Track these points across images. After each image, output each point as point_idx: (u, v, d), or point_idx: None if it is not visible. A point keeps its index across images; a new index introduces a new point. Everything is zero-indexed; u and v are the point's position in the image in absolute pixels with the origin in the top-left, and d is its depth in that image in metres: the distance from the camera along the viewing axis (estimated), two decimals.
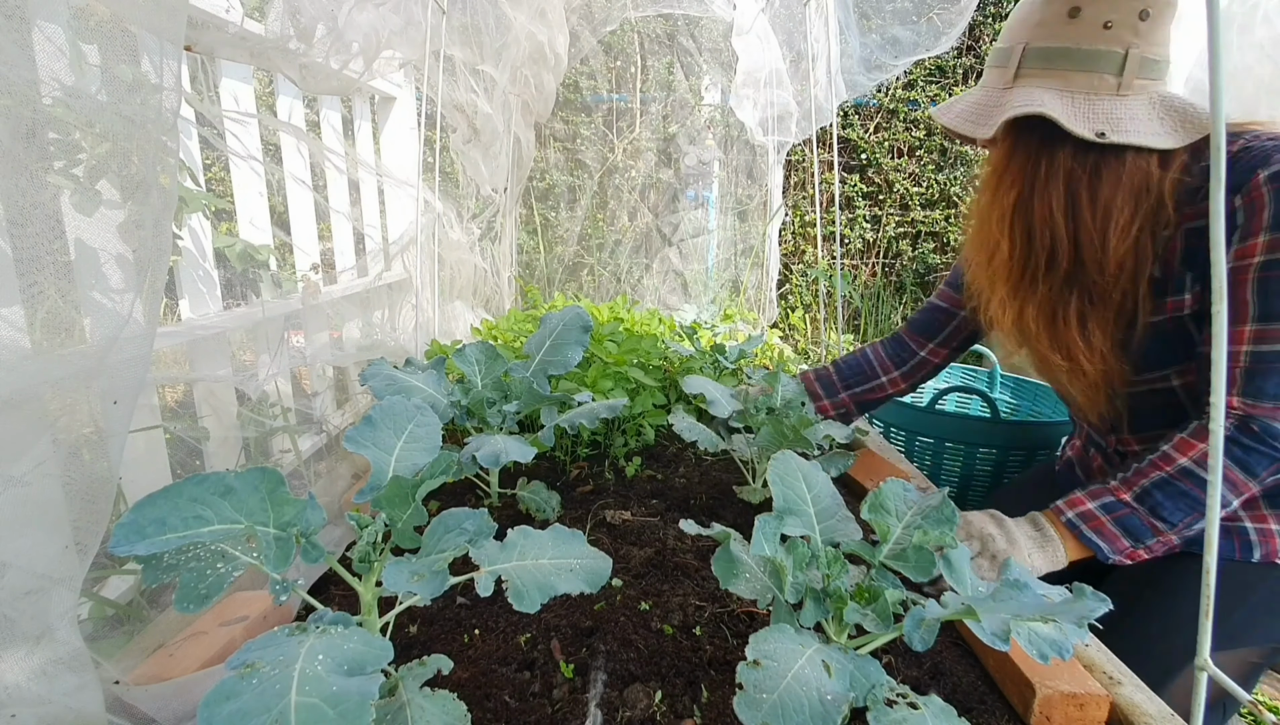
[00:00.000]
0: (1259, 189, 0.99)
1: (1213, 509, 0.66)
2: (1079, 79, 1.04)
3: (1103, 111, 1.03)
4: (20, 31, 0.70)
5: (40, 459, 0.70)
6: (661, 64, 3.89)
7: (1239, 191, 1.02)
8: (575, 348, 1.40)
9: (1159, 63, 1.05)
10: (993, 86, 1.12)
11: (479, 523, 0.80)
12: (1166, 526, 1.05)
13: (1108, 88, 1.03)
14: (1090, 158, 1.06)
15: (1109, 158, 1.05)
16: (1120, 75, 1.02)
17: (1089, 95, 1.03)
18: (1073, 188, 1.07)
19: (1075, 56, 1.03)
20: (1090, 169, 1.06)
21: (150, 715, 0.76)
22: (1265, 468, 1.01)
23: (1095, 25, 1.02)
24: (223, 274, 1.55)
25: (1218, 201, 0.60)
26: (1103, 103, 1.03)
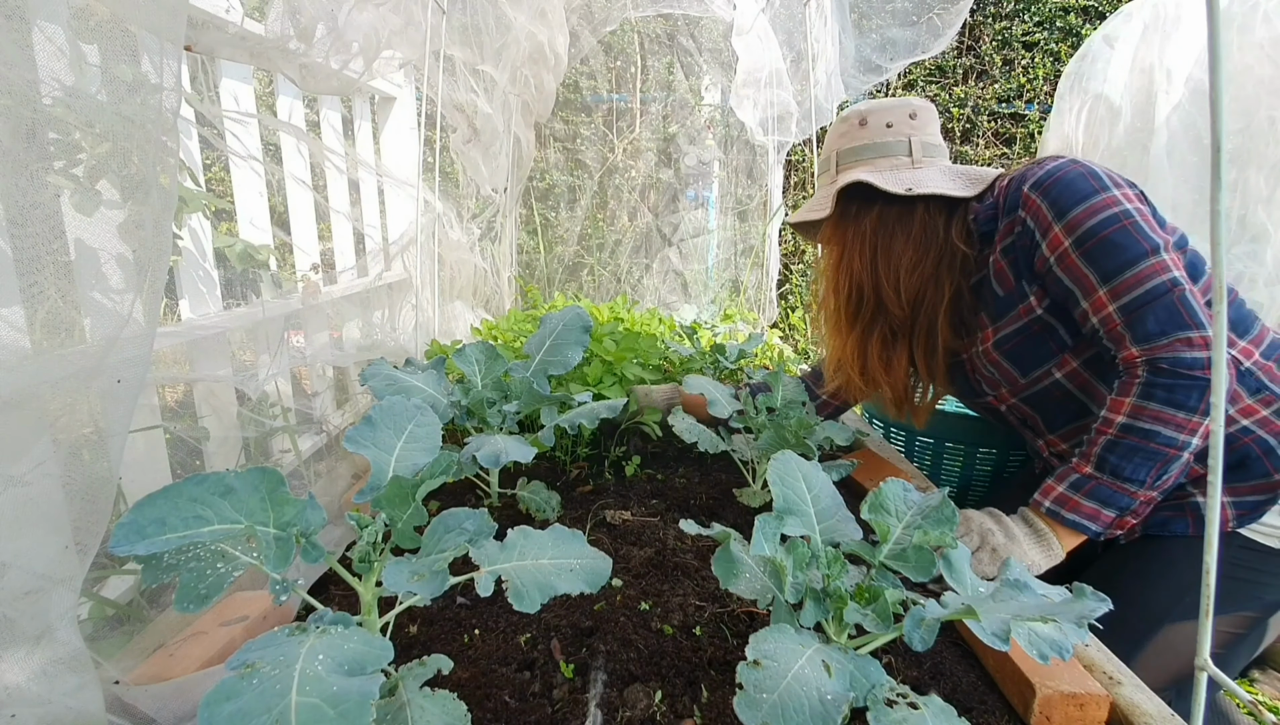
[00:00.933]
0: (1029, 198, 1.21)
1: (1213, 508, 0.66)
2: (882, 162, 1.35)
3: (907, 177, 1.31)
4: (20, 31, 0.70)
5: (40, 459, 0.70)
6: (661, 64, 3.89)
7: (1018, 208, 1.24)
8: (575, 348, 1.40)
9: (937, 145, 1.36)
10: (823, 185, 1.43)
11: (479, 523, 0.80)
12: (1136, 485, 1.10)
13: (905, 165, 1.33)
14: (890, 217, 1.33)
15: (903, 218, 1.33)
16: (910, 155, 1.34)
17: (894, 171, 1.33)
18: (873, 243, 1.35)
19: (874, 149, 1.35)
20: (889, 228, 1.34)
21: (150, 715, 0.76)
22: (1196, 398, 1.07)
23: (880, 126, 1.35)
24: (223, 274, 1.55)
25: (1218, 202, 0.60)
26: (904, 173, 1.32)
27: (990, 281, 1.33)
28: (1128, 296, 1.11)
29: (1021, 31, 4.71)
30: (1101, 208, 1.14)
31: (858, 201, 1.34)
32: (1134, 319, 1.11)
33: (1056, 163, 1.22)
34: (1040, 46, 4.72)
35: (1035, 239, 1.21)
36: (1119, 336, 1.13)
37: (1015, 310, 1.29)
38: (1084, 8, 4.66)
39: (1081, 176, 1.17)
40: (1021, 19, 4.68)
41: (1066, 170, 1.19)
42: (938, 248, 1.32)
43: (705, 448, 1.34)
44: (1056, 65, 4.66)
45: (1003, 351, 1.33)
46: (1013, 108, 4.78)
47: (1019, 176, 1.25)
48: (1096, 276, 1.14)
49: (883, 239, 1.34)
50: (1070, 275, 1.17)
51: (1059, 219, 1.17)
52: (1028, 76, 4.74)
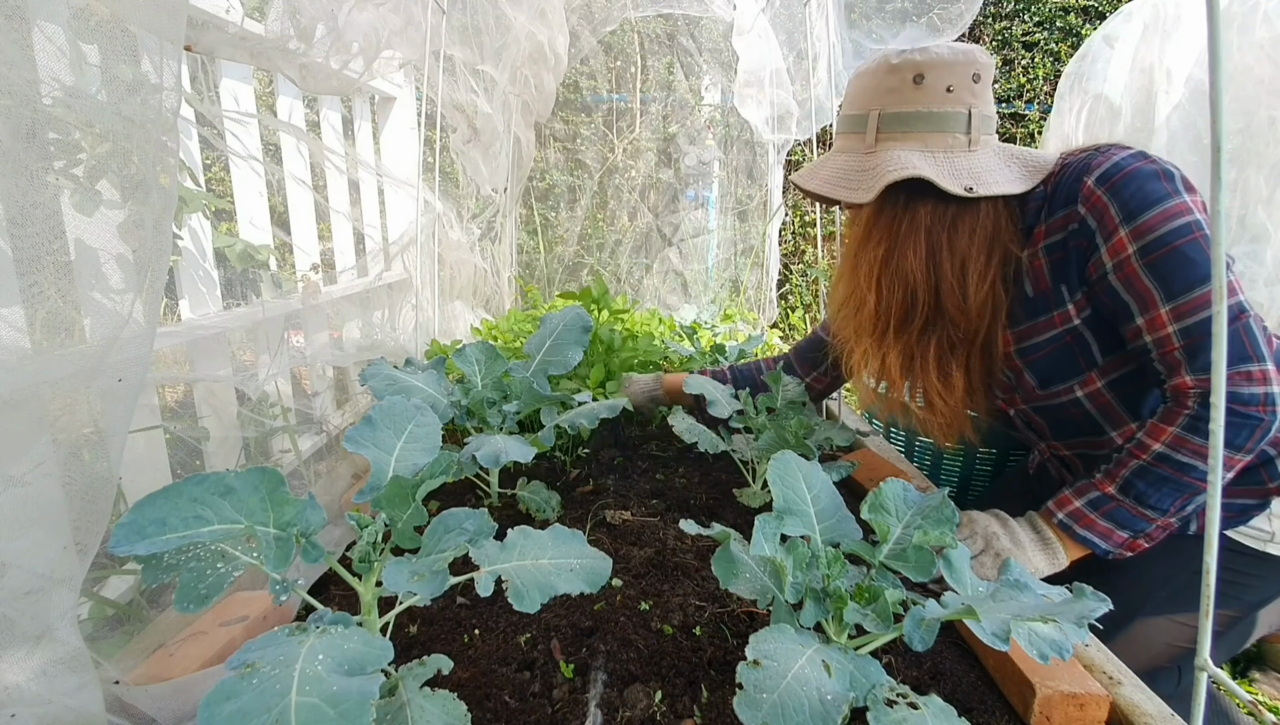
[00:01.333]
0: (1094, 194, 1.07)
1: (1213, 509, 0.66)
2: (936, 139, 1.12)
3: (964, 167, 1.11)
4: (20, 31, 0.70)
5: (40, 459, 0.70)
6: (661, 64, 3.89)
7: (1076, 203, 1.09)
8: (575, 348, 1.40)
9: (991, 118, 1.16)
10: (853, 151, 1.19)
11: (479, 523, 0.80)
12: (1158, 514, 1.06)
13: (960, 145, 1.12)
14: (949, 212, 1.14)
15: (965, 210, 1.14)
16: (969, 132, 1.12)
17: (948, 153, 1.12)
18: (933, 241, 1.15)
19: (928, 119, 1.12)
20: (949, 222, 1.14)
21: (150, 715, 0.76)
22: (1245, 436, 1.01)
23: (939, 90, 1.11)
24: (223, 274, 1.55)
25: (1218, 202, 0.60)
26: (961, 159, 1.12)
27: (1023, 280, 1.19)
28: (1192, 318, 1.02)
29: (1021, 31, 4.71)
30: (1175, 215, 1.02)
31: (907, 187, 1.13)
32: (1195, 345, 1.02)
33: (1124, 154, 1.07)
34: (1040, 46, 4.72)
35: (1095, 241, 1.08)
36: (1175, 362, 1.04)
37: (1048, 316, 1.18)
38: (1084, 8, 4.65)
39: (1154, 175, 1.04)
40: (1021, 19, 4.68)
41: (1137, 166, 1.05)
42: (1001, 247, 1.16)
43: (705, 448, 1.34)
44: (1056, 65, 4.66)
45: (1026, 361, 1.22)
46: (1013, 108, 4.78)
47: (1079, 166, 1.10)
48: (1161, 292, 1.03)
49: (944, 235, 1.15)
50: (1130, 287, 1.06)
51: (1127, 222, 1.04)
52: (1028, 76, 4.74)
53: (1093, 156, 1.10)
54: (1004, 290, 1.19)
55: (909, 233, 1.16)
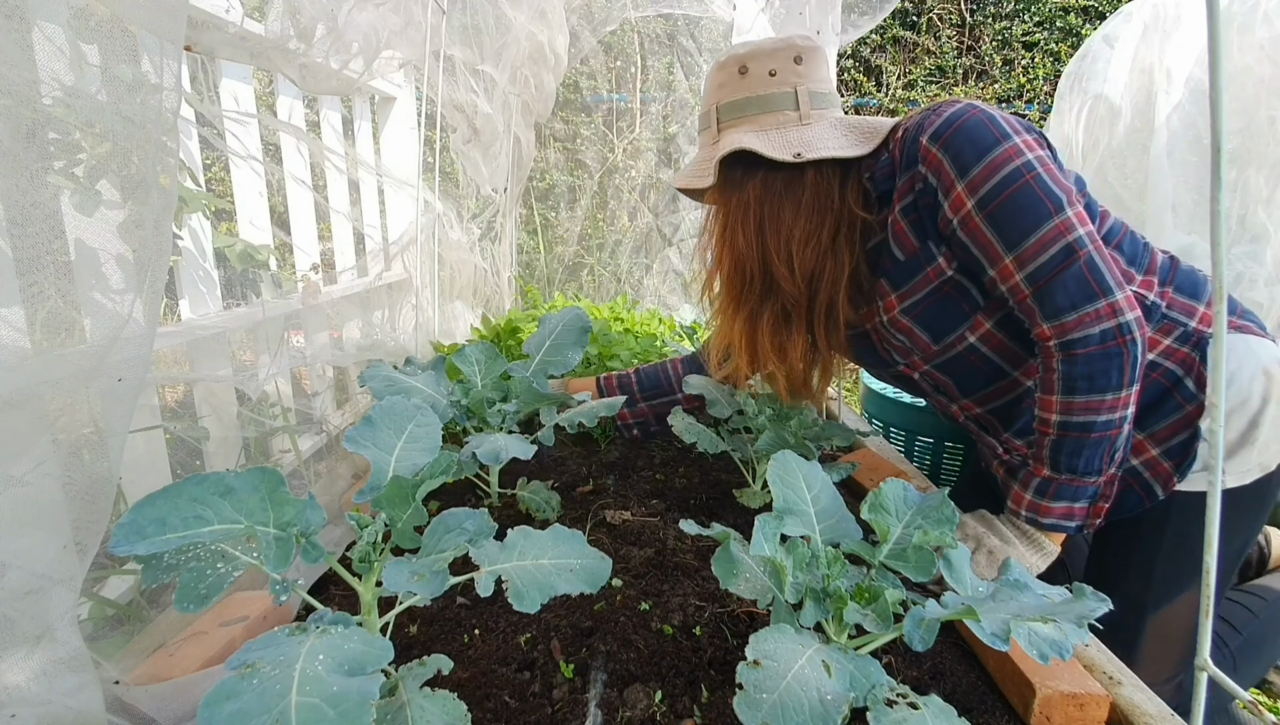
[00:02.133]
0: (930, 152, 1.11)
1: (1213, 509, 0.66)
2: (766, 119, 1.19)
3: (794, 138, 1.17)
4: (20, 31, 0.70)
5: (40, 459, 0.70)
6: (661, 64, 3.89)
7: (917, 163, 1.13)
8: (575, 348, 1.40)
9: (827, 94, 1.21)
10: (705, 145, 1.28)
11: (479, 523, 0.80)
12: (1095, 474, 1.08)
13: (792, 121, 1.19)
14: (777, 184, 1.19)
15: (792, 183, 1.19)
16: (798, 109, 1.19)
17: (780, 129, 1.18)
18: (761, 213, 1.21)
19: (756, 102, 1.19)
20: (776, 195, 1.20)
21: (150, 715, 0.76)
22: (1117, 375, 1.03)
23: (763, 75, 1.19)
24: (223, 274, 1.55)
25: (1218, 202, 0.60)
26: (792, 132, 1.18)
27: (889, 245, 1.22)
28: (1033, 264, 1.05)
29: (1021, 31, 4.71)
30: (1004, 162, 1.05)
31: (741, 166, 1.19)
32: (1042, 291, 1.05)
33: (955, 108, 1.11)
34: (1040, 46, 4.72)
35: (937, 198, 1.12)
36: (1029, 309, 1.08)
37: (923, 273, 1.20)
38: (1084, 8, 4.66)
39: (981, 124, 1.08)
40: (1021, 19, 4.68)
41: (966, 117, 1.09)
42: (834, 215, 1.20)
43: (705, 448, 1.34)
44: (1056, 65, 4.66)
45: (912, 317, 1.24)
46: (1013, 108, 4.78)
47: (915, 126, 1.14)
48: (1001, 243, 1.07)
49: (770, 208, 1.20)
50: (975, 241, 1.09)
51: (961, 176, 1.07)
52: (1028, 76, 4.74)
53: (926, 116, 1.14)
54: (844, 256, 1.22)
55: (739, 207, 1.22)
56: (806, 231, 1.20)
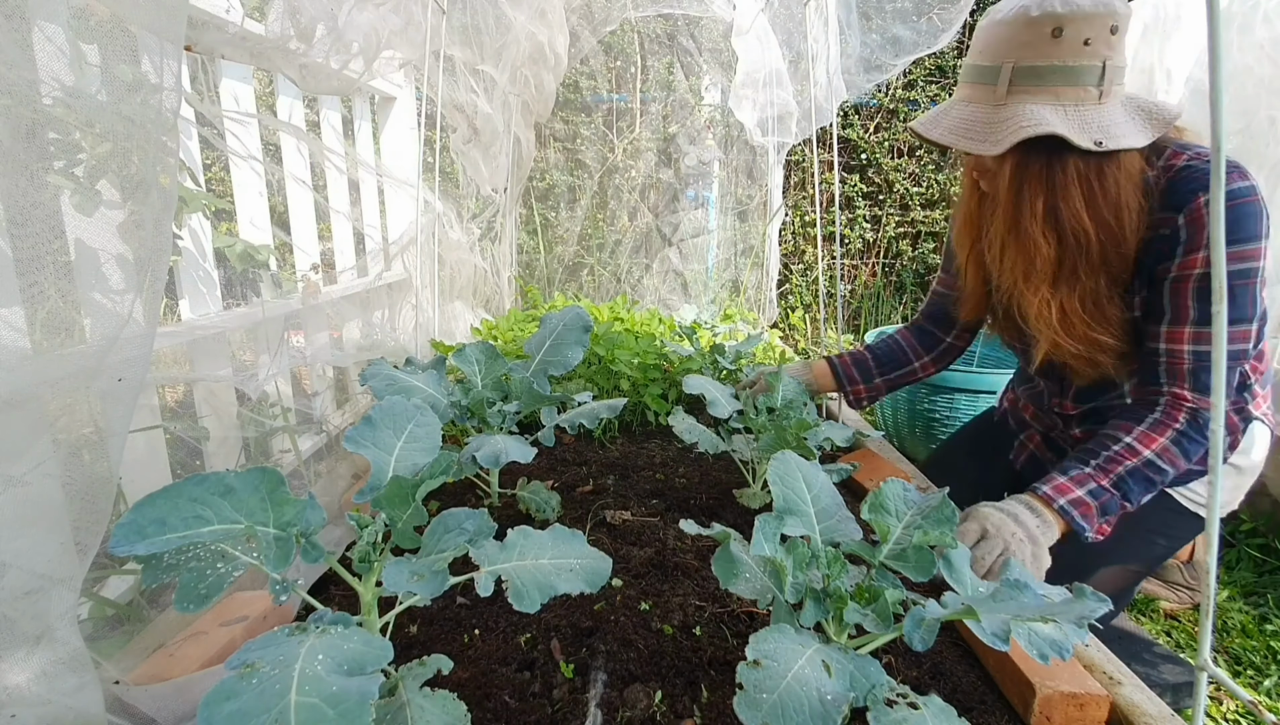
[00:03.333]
0: (1200, 210, 1.14)
1: (1212, 511, 0.66)
2: (1068, 93, 1.13)
3: (1093, 121, 1.13)
4: (20, 31, 0.70)
5: (40, 459, 0.70)
6: (661, 64, 3.89)
7: (1182, 210, 1.16)
8: (575, 348, 1.39)
9: (1123, 68, 1.17)
10: (983, 102, 1.20)
11: (479, 523, 0.80)
12: (1130, 504, 1.21)
13: (1091, 98, 1.14)
14: (1095, 159, 1.16)
15: (1109, 158, 1.16)
16: (1101, 85, 1.13)
17: (1078, 106, 1.14)
18: (1089, 188, 1.17)
19: (1064, 73, 1.13)
20: (1097, 170, 1.16)
21: (150, 715, 0.76)
22: (1197, 454, 1.19)
23: (1077, 43, 1.11)
24: (223, 274, 1.55)
25: (1218, 202, 0.60)
26: (1090, 112, 1.14)
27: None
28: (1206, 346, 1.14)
29: None
30: (1247, 257, 1.13)
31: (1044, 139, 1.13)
32: (1202, 368, 1.17)
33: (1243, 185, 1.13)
34: None
35: (1176, 248, 1.16)
36: (1181, 374, 1.18)
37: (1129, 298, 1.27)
38: None
39: (1253, 216, 1.13)
40: None
41: (1248, 200, 1.12)
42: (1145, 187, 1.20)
43: (705, 448, 1.34)
44: None
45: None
46: None
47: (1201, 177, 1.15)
48: (1196, 315, 1.16)
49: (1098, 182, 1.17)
50: (1175, 298, 1.17)
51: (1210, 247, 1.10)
52: None
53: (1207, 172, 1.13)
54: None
55: (1066, 183, 1.17)
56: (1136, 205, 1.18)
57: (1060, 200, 1.18)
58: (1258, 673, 1.61)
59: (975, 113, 1.20)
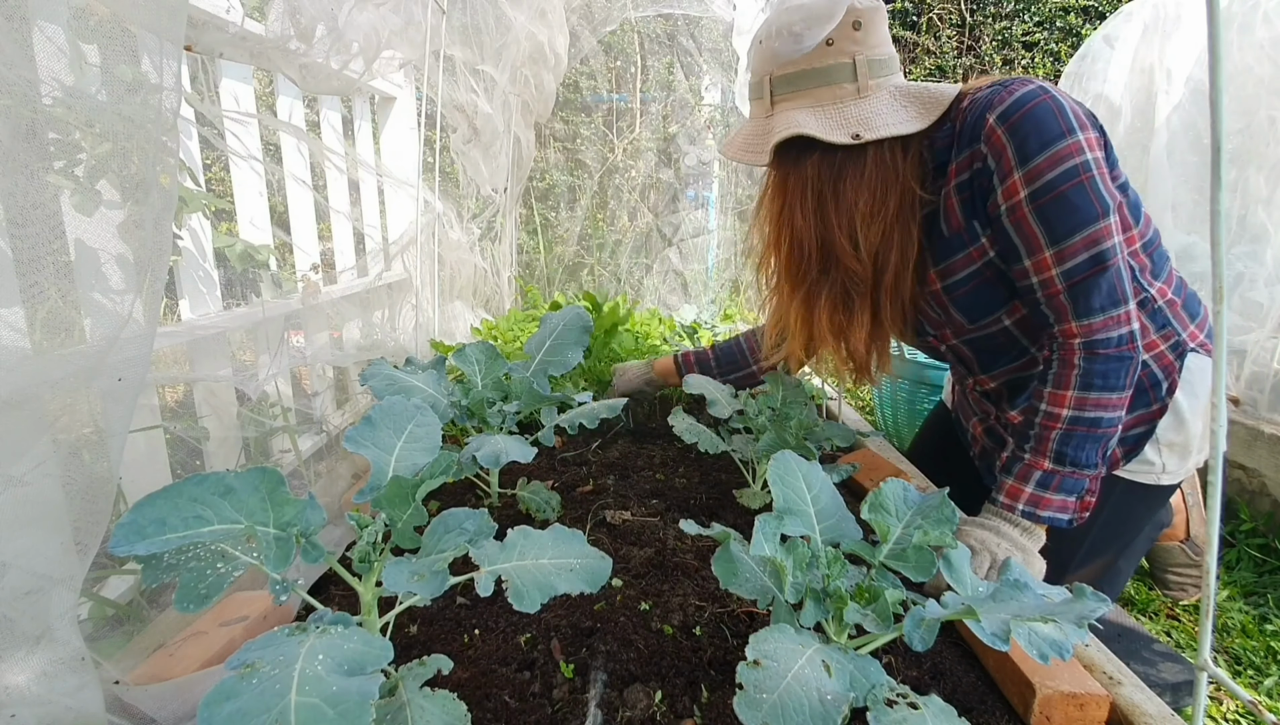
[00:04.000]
0: (995, 132, 1.09)
1: (1213, 510, 0.66)
2: (823, 93, 1.14)
3: (853, 116, 1.13)
4: (20, 31, 0.70)
5: (40, 459, 0.70)
6: (661, 64, 3.89)
7: (979, 140, 1.12)
8: (575, 348, 1.39)
9: (885, 60, 1.15)
10: (758, 117, 1.23)
11: (479, 523, 0.80)
12: (1091, 468, 1.13)
13: (849, 95, 1.14)
14: (836, 160, 1.16)
15: (853, 157, 1.16)
16: (856, 81, 1.13)
17: (837, 104, 1.14)
18: (820, 191, 1.18)
19: (812, 75, 1.14)
20: (835, 172, 1.17)
21: (150, 715, 0.76)
22: (1124, 375, 1.10)
23: (819, 46, 1.13)
24: (223, 274, 1.55)
25: (1218, 202, 0.60)
26: (849, 108, 1.14)
27: (939, 218, 1.22)
28: (1071, 261, 1.08)
29: (1021, 31, 4.71)
30: (1065, 156, 1.06)
31: (798, 143, 1.15)
32: (1078, 290, 1.09)
33: (1027, 89, 1.09)
34: (1040, 46, 4.72)
35: (993, 181, 1.12)
36: (1060, 306, 1.11)
37: (965, 252, 1.21)
38: (1084, 8, 4.65)
39: (1050, 113, 1.07)
40: (1021, 19, 4.68)
41: (1037, 101, 1.07)
42: (898, 188, 1.17)
43: (705, 448, 1.34)
44: (1056, 65, 4.66)
45: (953, 297, 1.25)
46: None
47: (983, 101, 1.12)
48: (1046, 237, 1.09)
49: (830, 186, 1.17)
50: (1020, 230, 1.11)
51: (1021, 164, 1.07)
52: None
53: (996, 91, 1.12)
54: (911, 230, 1.20)
55: (797, 188, 1.19)
56: (871, 208, 1.17)
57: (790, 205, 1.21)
58: (1258, 673, 1.61)
59: (755, 127, 1.23)
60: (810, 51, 1.13)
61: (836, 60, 1.13)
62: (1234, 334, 2.29)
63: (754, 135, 1.21)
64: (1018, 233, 1.11)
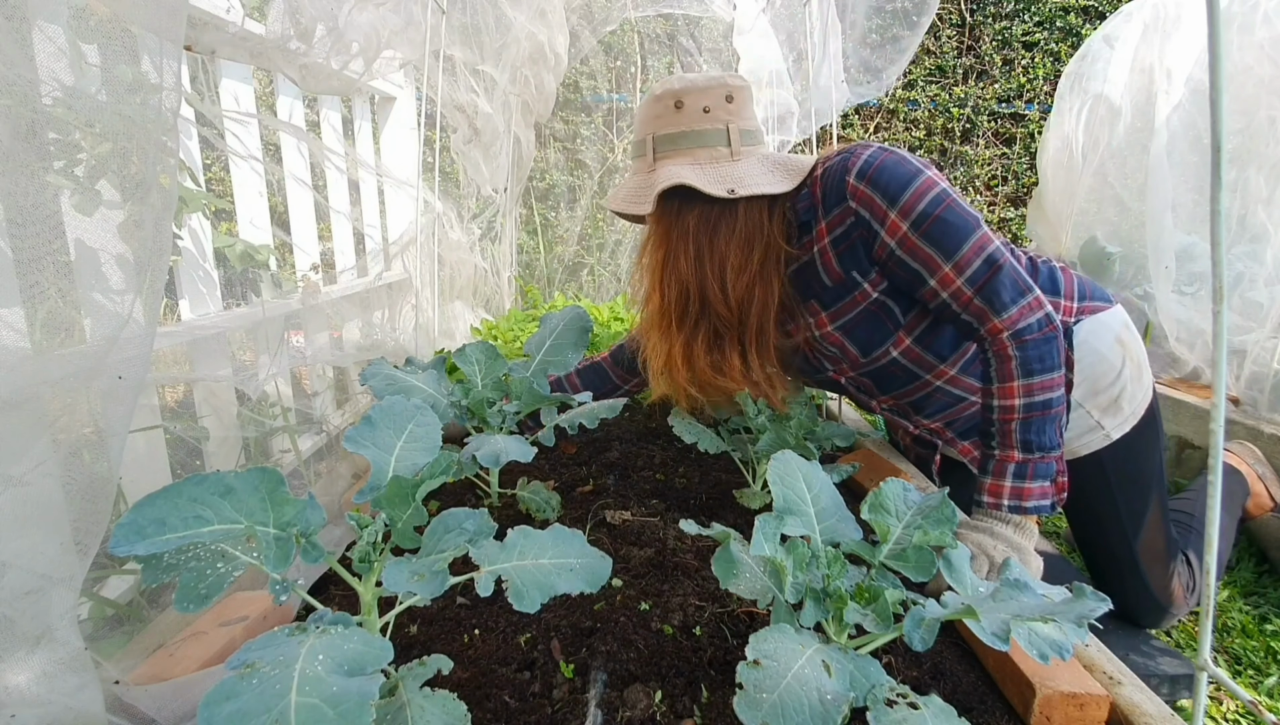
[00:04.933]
0: (858, 190, 1.23)
1: (1213, 511, 0.66)
2: (701, 153, 1.27)
3: (727, 174, 1.25)
4: (20, 31, 0.70)
5: (40, 459, 0.70)
6: (661, 64, 3.89)
7: (845, 200, 1.25)
8: (575, 348, 1.40)
9: (755, 131, 1.31)
10: (640, 172, 1.35)
11: (479, 523, 0.80)
12: (1056, 448, 1.20)
13: (724, 157, 1.28)
14: (712, 215, 1.28)
15: (726, 214, 1.28)
16: (729, 145, 1.27)
17: (714, 164, 1.27)
18: (699, 242, 1.29)
19: (691, 137, 1.28)
20: (711, 226, 1.28)
21: (150, 715, 0.76)
22: (1057, 352, 1.19)
23: (697, 111, 1.27)
24: (223, 274, 1.55)
25: (1218, 202, 0.60)
26: (724, 167, 1.27)
27: (817, 270, 1.34)
28: (970, 269, 1.20)
29: (1021, 31, 4.71)
30: (926, 190, 1.19)
31: (679, 197, 1.27)
32: (987, 291, 1.20)
33: (870, 151, 1.24)
34: (1040, 46, 4.72)
35: (873, 228, 1.23)
36: (979, 310, 1.21)
37: (850, 296, 1.33)
38: (1084, 8, 4.66)
39: (897, 162, 1.22)
40: (1021, 19, 4.68)
41: (883, 157, 1.22)
42: (763, 244, 1.30)
43: (705, 448, 1.34)
44: (1056, 65, 4.66)
45: (845, 334, 1.37)
46: (1013, 108, 4.78)
47: (838, 167, 1.26)
48: (940, 255, 1.20)
49: (706, 238, 1.29)
50: (915, 256, 1.21)
51: (892, 205, 1.20)
52: (1028, 76, 4.74)
53: (846, 158, 1.26)
54: (773, 283, 1.32)
55: (680, 236, 1.30)
56: (739, 260, 1.29)
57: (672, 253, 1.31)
58: (1258, 673, 1.61)
59: (637, 181, 1.34)
60: (689, 116, 1.27)
61: (713, 125, 1.27)
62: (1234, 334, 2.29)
63: (637, 189, 1.32)
64: (914, 260, 1.22)
